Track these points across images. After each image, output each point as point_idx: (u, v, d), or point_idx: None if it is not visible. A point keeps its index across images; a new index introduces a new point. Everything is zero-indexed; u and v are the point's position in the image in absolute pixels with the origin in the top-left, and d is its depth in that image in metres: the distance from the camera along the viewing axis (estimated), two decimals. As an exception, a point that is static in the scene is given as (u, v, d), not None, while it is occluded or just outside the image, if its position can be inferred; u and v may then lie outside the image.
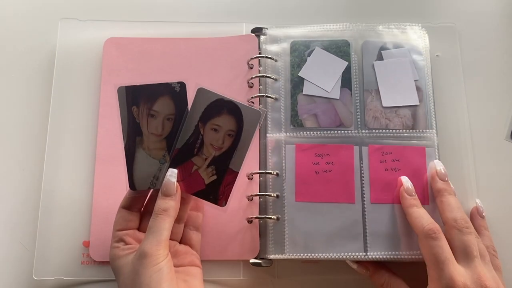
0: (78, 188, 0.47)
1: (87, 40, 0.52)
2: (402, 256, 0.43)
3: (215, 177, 0.41)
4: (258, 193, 0.46)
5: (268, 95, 0.48)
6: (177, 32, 0.52)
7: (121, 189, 0.46)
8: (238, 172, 0.41)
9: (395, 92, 0.47)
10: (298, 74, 0.48)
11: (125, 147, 0.42)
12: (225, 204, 0.41)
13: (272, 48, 0.50)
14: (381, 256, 0.43)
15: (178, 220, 0.41)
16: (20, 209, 0.48)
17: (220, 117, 0.41)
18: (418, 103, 0.47)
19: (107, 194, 0.47)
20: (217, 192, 0.41)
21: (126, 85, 0.41)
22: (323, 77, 0.48)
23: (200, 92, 0.41)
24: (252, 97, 0.49)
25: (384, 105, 0.47)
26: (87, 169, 0.48)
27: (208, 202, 0.41)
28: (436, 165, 0.44)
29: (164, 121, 0.41)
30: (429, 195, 0.44)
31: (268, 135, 0.48)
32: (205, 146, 0.41)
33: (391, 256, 0.43)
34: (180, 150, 0.41)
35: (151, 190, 0.42)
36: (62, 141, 0.49)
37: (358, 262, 0.44)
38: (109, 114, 0.49)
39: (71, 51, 0.51)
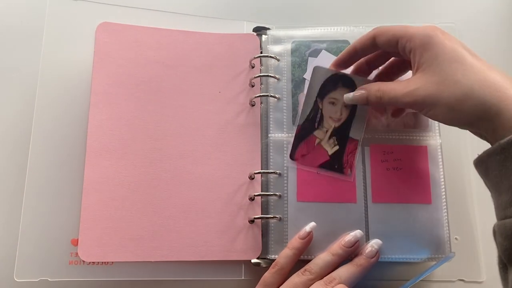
0: (66, 181, 0.44)
1: (78, 22, 0.49)
2: (404, 256, 0.43)
3: (337, 147, 0.44)
4: (261, 193, 0.45)
5: (272, 94, 0.48)
6: (173, 24, 0.50)
7: (113, 183, 0.44)
8: (358, 140, 0.44)
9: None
10: (304, 76, 0.48)
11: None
12: (350, 172, 0.44)
13: (275, 48, 0.50)
14: (382, 256, 0.43)
15: None
16: (0, 201, 0.43)
17: (336, 90, 0.45)
18: None
19: (98, 188, 0.44)
20: (341, 161, 0.44)
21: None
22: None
23: (316, 70, 0.45)
24: (255, 96, 0.48)
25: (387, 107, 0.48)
26: (76, 161, 0.45)
27: (335, 173, 0.44)
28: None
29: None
30: (431, 195, 0.45)
31: (270, 135, 0.47)
32: (324, 120, 0.45)
33: (393, 256, 0.43)
34: (302, 126, 0.45)
35: None
36: (49, 131, 0.46)
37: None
38: (101, 103, 0.46)
39: (60, 32, 0.48)
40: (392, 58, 0.44)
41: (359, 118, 0.45)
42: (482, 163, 0.34)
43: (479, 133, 0.36)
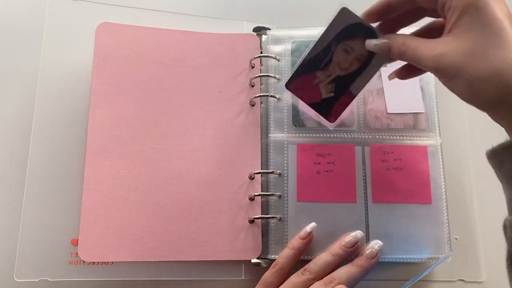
0: (66, 181, 0.44)
1: (78, 22, 0.49)
2: (404, 256, 0.43)
3: (332, 94, 0.43)
4: (261, 193, 0.45)
5: (272, 94, 0.48)
6: (173, 24, 0.50)
7: (113, 183, 0.44)
8: (355, 96, 0.43)
9: (400, 97, 0.48)
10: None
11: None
12: (334, 121, 0.44)
13: (275, 49, 0.50)
14: (383, 257, 0.43)
15: None
16: (0, 201, 0.43)
17: (355, 40, 0.41)
18: (423, 111, 0.48)
19: (98, 188, 0.44)
20: (330, 108, 0.44)
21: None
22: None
23: (343, 12, 0.41)
24: (255, 96, 0.48)
25: (388, 111, 0.47)
26: (76, 161, 0.45)
27: (319, 115, 0.44)
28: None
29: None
30: (431, 195, 0.45)
31: (270, 135, 0.47)
32: (332, 64, 0.42)
33: (394, 256, 0.43)
34: (308, 60, 0.43)
35: None
36: (49, 131, 0.46)
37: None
38: (101, 103, 0.46)
39: (60, 32, 0.48)
40: (428, 20, 0.40)
41: (365, 75, 0.42)
42: (496, 156, 0.33)
43: (497, 118, 0.34)
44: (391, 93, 0.48)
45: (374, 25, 0.41)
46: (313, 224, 0.43)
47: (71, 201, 0.43)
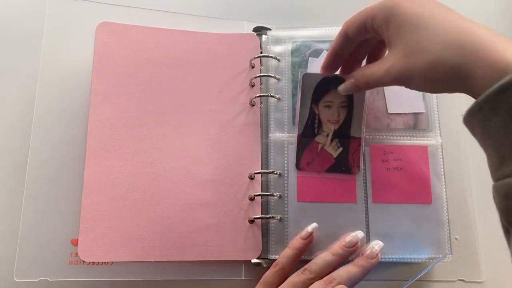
0: (66, 180, 0.44)
1: (78, 22, 0.49)
2: (404, 256, 0.43)
3: (341, 148, 0.44)
4: (261, 193, 0.45)
5: (272, 94, 0.48)
6: (173, 24, 0.50)
7: (113, 183, 0.44)
8: (360, 137, 0.45)
9: (400, 97, 0.48)
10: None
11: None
12: (358, 170, 0.45)
13: (275, 49, 0.50)
14: (383, 257, 0.43)
15: None
16: (0, 201, 0.43)
17: (330, 93, 0.45)
18: (423, 111, 0.47)
19: (98, 188, 0.44)
20: (347, 162, 0.45)
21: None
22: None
23: (305, 77, 0.45)
24: (255, 96, 0.48)
25: (389, 111, 0.47)
26: (76, 161, 0.45)
27: (343, 174, 0.45)
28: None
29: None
30: (431, 195, 0.45)
31: (270, 135, 0.47)
32: (323, 124, 0.45)
33: (394, 256, 0.43)
34: (302, 134, 0.45)
35: None
36: (49, 131, 0.45)
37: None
38: (101, 103, 0.46)
39: (60, 32, 0.48)
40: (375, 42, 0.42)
41: (357, 115, 0.45)
42: (468, 123, 0.32)
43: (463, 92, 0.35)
44: (391, 93, 0.48)
45: (337, 72, 0.44)
46: (314, 225, 0.43)
47: (71, 201, 0.43)
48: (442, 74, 0.32)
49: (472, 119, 0.31)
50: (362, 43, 0.41)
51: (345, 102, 0.45)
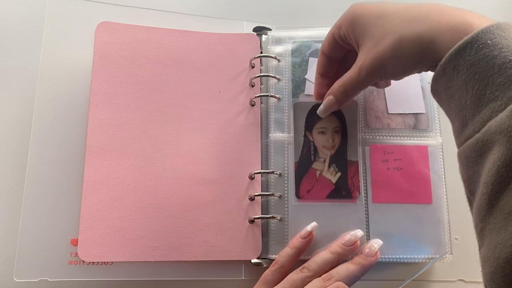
0: (66, 181, 0.44)
1: (78, 21, 0.49)
2: (404, 256, 0.43)
3: (339, 173, 0.44)
4: (261, 193, 0.45)
5: (272, 94, 0.48)
6: (173, 23, 0.50)
7: (113, 183, 0.44)
8: (358, 161, 0.44)
9: (400, 97, 0.48)
10: (305, 77, 0.48)
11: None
12: (359, 194, 0.44)
13: (276, 49, 0.50)
14: (383, 256, 0.43)
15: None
16: (0, 201, 0.43)
17: (322, 119, 0.45)
18: (424, 111, 0.47)
19: (98, 188, 0.44)
20: (347, 186, 0.44)
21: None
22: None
23: (296, 106, 0.46)
24: (255, 96, 0.48)
25: (389, 112, 0.47)
26: (76, 161, 0.45)
27: (344, 200, 0.44)
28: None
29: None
30: (432, 195, 0.45)
31: (270, 135, 0.47)
32: (319, 150, 0.45)
33: (394, 256, 0.43)
34: (299, 162, 0.45)
35: None
36: (49, 131, 0.45)
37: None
38: (101, 103, 0.46)
39: (60, 31, 0.48)
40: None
41: (352, 137, 0.45)
42: (435, 92, 0.33)
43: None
44: (392, 93, 0.48)
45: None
46: (314, 224, 0.43)
47: (71, 201, 0.43)
48: (409, 47, 0.33)
49: (437, 86, 0.32)
50: (344, 59, 0.42)
51: (339, 127, 0.45)
